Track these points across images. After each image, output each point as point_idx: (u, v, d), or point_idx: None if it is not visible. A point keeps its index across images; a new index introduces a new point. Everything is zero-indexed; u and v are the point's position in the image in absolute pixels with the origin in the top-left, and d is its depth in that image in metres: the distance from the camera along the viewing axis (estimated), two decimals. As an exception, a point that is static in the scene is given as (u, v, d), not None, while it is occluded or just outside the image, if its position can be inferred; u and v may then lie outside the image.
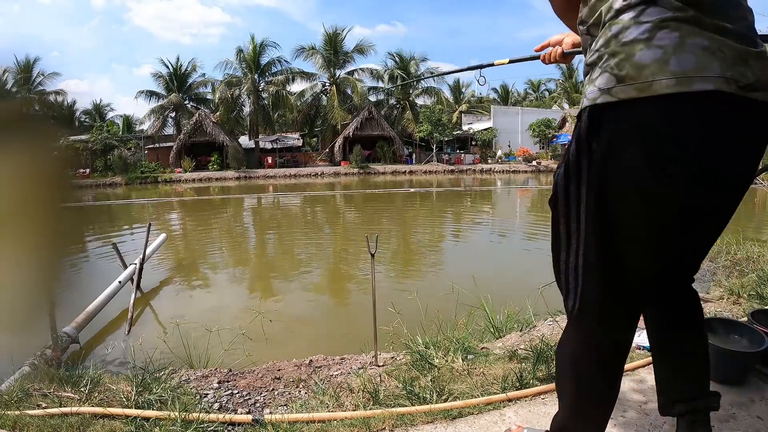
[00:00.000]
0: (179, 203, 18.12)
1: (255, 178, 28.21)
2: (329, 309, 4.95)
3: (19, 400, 1.80)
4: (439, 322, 2.68)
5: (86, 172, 26.87)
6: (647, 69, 0.76)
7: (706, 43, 0.76)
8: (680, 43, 0.75)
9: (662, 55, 0.75)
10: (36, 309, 0.54)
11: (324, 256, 8.06)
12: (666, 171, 0.80)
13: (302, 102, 34.09)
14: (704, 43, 0.76)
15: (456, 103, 37.86)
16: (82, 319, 3.93)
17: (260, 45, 31.38)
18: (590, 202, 0.88)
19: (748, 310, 2.28)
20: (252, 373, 2.26)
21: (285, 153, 33.01)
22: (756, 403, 1.62)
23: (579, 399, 1.05)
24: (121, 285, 4.82)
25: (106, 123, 32.32)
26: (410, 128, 32.92)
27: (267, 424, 1.65)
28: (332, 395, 1.86)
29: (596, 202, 0.87)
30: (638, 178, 0.81)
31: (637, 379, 1.83)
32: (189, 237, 10.65)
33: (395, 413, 1.64)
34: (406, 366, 2.08)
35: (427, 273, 6.70)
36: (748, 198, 10.39)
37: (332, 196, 19.79)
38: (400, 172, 29.60)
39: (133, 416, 1.68)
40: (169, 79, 32.28)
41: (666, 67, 0.75)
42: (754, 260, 4.44)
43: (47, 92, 28.60)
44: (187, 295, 5.55)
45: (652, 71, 0.75)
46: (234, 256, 8.30)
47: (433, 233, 10.37)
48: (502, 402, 1.70)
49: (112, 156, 28.36)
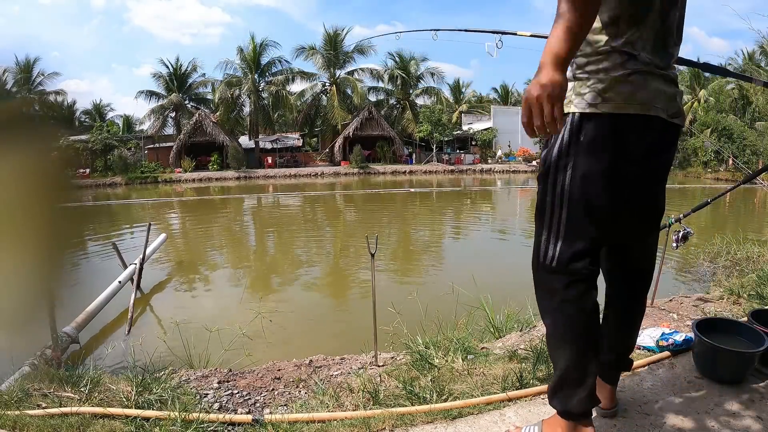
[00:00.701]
0: (179, 203, 18.13)
1: (255, 178, 28.20)
2: (329, 309, 4.95)
3: (19, 400, 1.80)
4: (439, 322, 2.68)
5: (86, 172, 26.85)
6: (622, 96, 1.20)
7: (658, 87, 1.23)
8: (644, 84, 1.21)
9: (634, 89, 1.20)
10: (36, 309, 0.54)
11: (324, 256, 8.06)
12: (627, 154, 1.24)
13: (302, 102, 34.07)
14: (656, 87, 1.23)
15: (456, 103, 37.84)
16: (82, 319, 3.93)
17: (260, 45, 31.37)
18: (575, 176, 1.24)
19: (748, 310, 2.28)
20: (252, 373, 2.26)
21: (285, 153, 32.99)
22: (756, 403, 1.62)
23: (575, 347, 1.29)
24: (121, 285, 4.82)
25: (106, 123, 32.28)
26: (410, 128, 32.89)
27: (267, 424, 1.65)
28: (332, 395, 1.86)
29: (580, 175, 1.24)
30: (611, 159, 1.23)
31: (637, 379, 1.83)
32: (189, 237, 10.65)
33: (395, 413, 1.64)
34: (406, 366, 2.08)
35: (427, 273, 6.70)
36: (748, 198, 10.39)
37: (332, 196, 19.78)
38: (400, 172, 29.59)
39: (133, 416, 1.68)
40: (169, 79, 32.24)
41: (635, 98, 1.20)
42: (754, 260, 4.45)
43: (47, 92, 28.60)
44: (187, 295, 5.55)
45: (625, 98, 1.20)
46: (234, 256, 8.29)
47: (433, 233, 10.37)
48: (502, 402, 1.70)
49: (112, 156, 28.34)
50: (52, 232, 0.52)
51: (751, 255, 4.65)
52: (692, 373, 1.86)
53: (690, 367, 1.91)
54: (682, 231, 2.71)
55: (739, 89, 27.28)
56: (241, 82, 31.30)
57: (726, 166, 24.52)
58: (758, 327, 1.90)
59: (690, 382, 1.80)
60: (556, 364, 1.35)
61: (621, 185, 1.26)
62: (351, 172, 29.13)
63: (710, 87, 28.36)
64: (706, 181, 22.71)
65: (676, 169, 26.75)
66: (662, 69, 1.25)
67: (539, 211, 1.32)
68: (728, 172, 23.21)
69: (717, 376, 1.80)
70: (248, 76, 31.17)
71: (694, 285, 4.64)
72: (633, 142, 1.24)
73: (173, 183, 26.85)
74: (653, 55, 1.23)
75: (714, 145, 23.54)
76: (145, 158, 29.82)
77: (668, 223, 2.86)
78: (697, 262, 5.36)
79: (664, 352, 2.03)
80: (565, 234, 1.27)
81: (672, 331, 2.13)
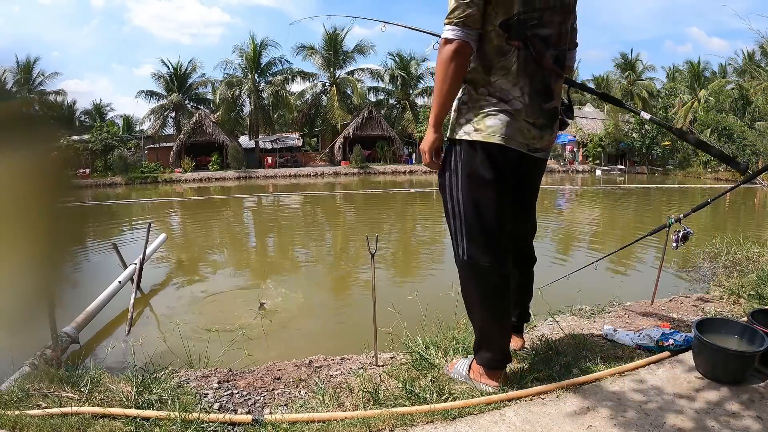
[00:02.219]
0: (179, 203, 18.12)
1: (255, 178, 28.20)
2: (329, 309, 4.95)
3: (19, 400, 1.79)
4: (439, 322, 2.68)
5: (86, 172, 26.84)
6: (490, 129, 1.56)
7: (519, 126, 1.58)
8: (508, 124, 1.56)
9: (499, 126, 1.56)
10: (36, 309, 0.54)
11: (324, 256, 8.06)
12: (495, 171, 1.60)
13: (302, 102, 34.07)
14: (518, 126, 1.58)
15: (456, 103, 37.79)
16: (82, 319, 3.93)
17: (260, 45, 31.38)
18: (463, 186, 1.63)
19: (748, 310, 2.28)
20: (252, 373, 2.26)
21: (285, 153, 32.99)
22: (756, 403, 1.62)
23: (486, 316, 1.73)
24: (121, 285, 4.82)
25: (106, 123, 32.27)
26: (410, 128, 32.88)
27: (267, 424, 1.65)
28: (332, 395, 1.86)
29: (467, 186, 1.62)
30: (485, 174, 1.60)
31: (637, 379, 1.83)
32: (189, 237, 10.65)
33: (395, 413, 1.64)
34: (406, 366, 2.08)
35: (427, 273, 6.70)
36: (748, 198, 10.40)
37: (332, 196, 19.78)
38: (400, 172, 29.59)
39: (133, 416, 1.68)
40: (169, 79, 32.24)
41: (499, 132, 1.56)
42: (754, 260, 4.45)
43: (47, 92, 28.59)
44: (187, 294, 5.55)
45: (492, 131, 1.56)
46: (234, 255, 8.30)
47: (433, 233, 10.37)
48: (501, 402, 1.70)
49: (112, 156, 28.34)
50: (52, 232, 0.52)
51: (751, 255, 4.65)
52: (692, 373, 1.86)
53: (690, 367, 1.91)
54: (682, 231, 2.70)
55: (738, 89, 27.27)
56: (241, 82, 31.29)
57: (726, 166, 24.49)
58: (758, 327, 1.90)
59: (690, 382, 1.80)
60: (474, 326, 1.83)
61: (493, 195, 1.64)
62: (351, 172, 29.13)
63: (710, 87, 28.37)
64: (706, 181, 22.72)
65: (676, 169, 26.78)
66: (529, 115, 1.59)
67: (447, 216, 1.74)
68: (728, 172, 23.19)
69: (717, 377, 1.80)
70: (248, 76, 31.17)
71: (694, 285, 4.63)
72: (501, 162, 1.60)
73: (173, 183, 26.85)
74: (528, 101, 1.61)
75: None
76: (145, 158, 29.83)
77: (668, 223, 2.86)
78: (697, 262, 5.36)
79: (664, 352, 2.03)
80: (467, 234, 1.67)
81: (672, 331, 2.13)
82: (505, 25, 1.49)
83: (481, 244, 1.64)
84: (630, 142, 28.30)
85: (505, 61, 1.52)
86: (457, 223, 1.67)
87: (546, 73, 1.58)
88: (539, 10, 1.52)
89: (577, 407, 1.64)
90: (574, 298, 3.17)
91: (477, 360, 1.79)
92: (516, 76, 1.52)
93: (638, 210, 13.19)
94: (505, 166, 1.59)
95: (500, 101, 1.54)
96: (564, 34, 1.62)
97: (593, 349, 2.13)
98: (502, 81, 1.54)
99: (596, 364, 1.95)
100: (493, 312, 1.71)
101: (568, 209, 13.74)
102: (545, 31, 1.54)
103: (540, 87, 1.57)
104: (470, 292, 1.72)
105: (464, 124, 1.59)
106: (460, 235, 1.67)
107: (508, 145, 1.55)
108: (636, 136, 28.45)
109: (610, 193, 18.24)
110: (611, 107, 28.86)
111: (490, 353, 1.74)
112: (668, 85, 34.16)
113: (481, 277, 1.67)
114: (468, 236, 1.65)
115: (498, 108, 1.54)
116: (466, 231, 1.65)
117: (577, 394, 1.73)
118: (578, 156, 30.95)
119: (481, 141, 1.55)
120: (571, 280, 3.71)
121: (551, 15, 1.54)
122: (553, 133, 1.71)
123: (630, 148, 28.21)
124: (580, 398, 1.70)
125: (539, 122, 1.60)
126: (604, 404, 1.65)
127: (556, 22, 1.57)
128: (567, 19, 1.62)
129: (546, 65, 1.57)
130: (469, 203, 1.61)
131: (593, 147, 29.10)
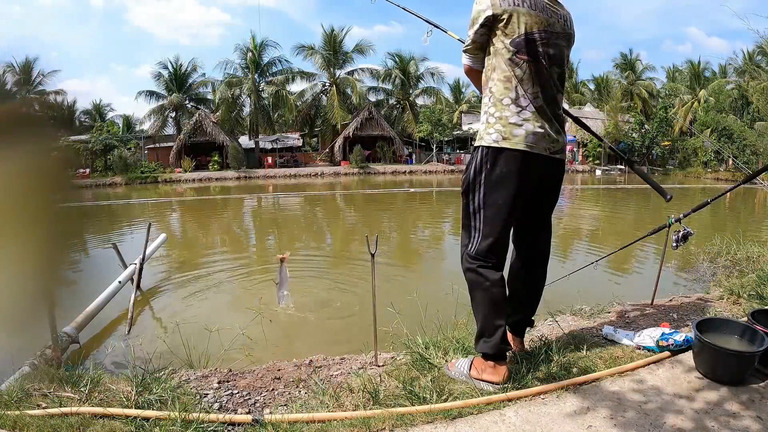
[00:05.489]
0: (179, 203, 18.12)
1: (255, 178, 28.18)
2: (329, 309, 4.94)
3: (19, 400, 1.80)
4: (439, 322, 2.68)
5: (86, 172, 26.84)
6: (516, 138, 1.77)
7: (541, 132, 1.79)
8: (531, 131, 1.78)
9: (524, 133, 1.77)
10: (36, 309, 0.54)
11: (324, 255, 8.06)
12: (521, 177, 1.79)
13: (302, 102, 34.06)
14: (540, 132, 1.79)
15: (456, 103, 37.83)
16: (82, 319, 3.93)
17: (260, 45, 31.37)
18: (486, 191, 1.82)
19: (748, 310, 2.28)
20: (252, 373, 2.26)
21: (285, 153, 32.98)
22: (756, 403, 1.62)
23: (488, 309, 1.83)
24: (121, 285, 4.81)
25: (106, 123, 32.28)
26: (410, 128, 32.88)
27: (267, 424, 1.65)
28: (332, 395, 1.86)
29: (488, 190, 1.81)
30: (509, 178, 1.79)
31: (637, 379, 1.83)
32: (189, 237, 10.65)
33: (395, 413, 1.64)
34: (406, 366, 2.08)
35: (427, 273, 6.70)
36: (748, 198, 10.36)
37: (332, 196, 19.78)
38: (400, 172, 29.58)
39: (133, 416, 1.68)
40: (169, 79, 32.21)
41: (524, 140, 1.77)
42: (754, 260, 4.44)
43: (47, 92, 28.52)
44: (187, 294, 5.54)
45: (518, 139, 1.77)
46: (234, 255, 8.29)
47: (433, 233, 10.37)
48: (501, 402, 1.70)
49: (112, 156, 28.32)
50: (52, 232, 0.52)
51: (751, 255, 4.65)
52: (692, 373, 1.86)
53: (690, 367, 1.91)
54: (682, 231, 2.70)
55: (738, 89, 27.27)
56: (241, 82, 31.28)
57: (726, 166, 24.51)
58: (758, 327, 1.90)
59: (690, 382, 1.80)
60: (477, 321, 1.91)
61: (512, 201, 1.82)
62: (351, 172, 29.12)
63: (710, 87, 28.37)
64: (706, 181, 22.70)
65: (676, 169, 26.77)
66: (546, 120, 1.81)
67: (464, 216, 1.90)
68: (728, 172, 23.20)
69: (717, 376, 1.80)
70: (248, 76, 31.16)
71: (694, 285, 4.63)
72: (524, 168, 1.79)
73: (173, 183, 26.83)
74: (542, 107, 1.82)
75: (714, 145, 23.54)
76: (145, 158, 29.81)
77: (668, 223, 2.86)
78: (697, 262, 5.36)
79: (664, 352, 2.03)
80: (482, 232, 1.83)
81: (672, 331, 2.13)
82: (514, 43, 1.77)
83: (490, 242, 1.82)
84: (630, 142, 28.29)
85: (519, 71, 1.76)
86: (474, 222, 1.86)
87: (553, 82, 1.83)
88: (546, 32, 1.80)
89: (577, 407, 1.65)
90: (574, 298, 3.16)
91: (478, 349, 1.88)
92: (531, 84, 1.77)
93: (638, 210, 13.19)
94: (529, 171, 1.79)
95: (522, 110, 1.77)
96: (566, 58, 1.91)
97: (593, 349, 2.13)
98: (521, 92, 1.78)
99: (596, 365, 1.96)
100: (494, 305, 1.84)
101: (568, 209, 13.74)
102: (551, 50, 1.82)
103: (550, 97, 1.83)
104: (475, 286, 1.86)
105: (492, 134, 1.80)
106: (475, 231, 1.85)
107: (532, 151, 1.78)
108: (636, 136, 28.44)
109: (610, 193, 18.23)
110: (611, 107, 28.91)
111: (491, 339, 1.82)
112: (668, 85, 34.17)
113: (485, 274, 1.82)
114: (482, 233, 1.83)
115: (522, 117, 1.77)
116: (482, 228, 1.83)
117: (577, 394, 1.73)
118: (578, 156, 30.94)
119: (508, 148, 1.77)
120: (571, 280, 3.71)
121: (556, 38, 1.82)
122: (565, 136, 1.96)
123: (630, 147, 28.20)
124: (580, 398, 1.70)
125: (554, 127, 1.84)
126: (604, 404, 1.65)
127: (561, 45, 1.86)
128: (569, 45, 1.92)
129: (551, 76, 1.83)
130: (490, 204, 1.81)
131: (593, 147, 29.10)
